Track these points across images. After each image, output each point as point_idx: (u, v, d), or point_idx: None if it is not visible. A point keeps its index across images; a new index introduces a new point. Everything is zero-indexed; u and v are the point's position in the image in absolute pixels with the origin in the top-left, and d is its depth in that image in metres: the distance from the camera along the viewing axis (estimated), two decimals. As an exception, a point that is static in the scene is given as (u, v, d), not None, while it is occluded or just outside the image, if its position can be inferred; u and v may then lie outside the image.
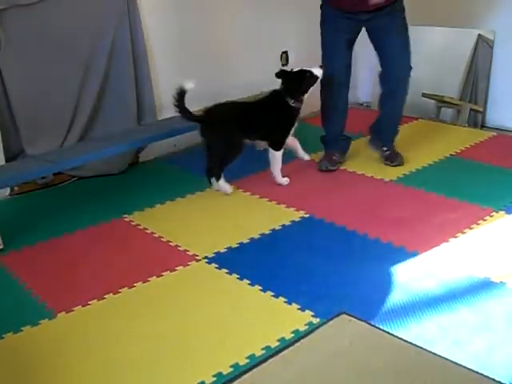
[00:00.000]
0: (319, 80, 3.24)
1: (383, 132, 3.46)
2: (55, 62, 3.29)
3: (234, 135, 3.13)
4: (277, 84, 4.29)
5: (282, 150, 3.26)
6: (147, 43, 3.58)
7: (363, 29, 3.26)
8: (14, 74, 3.17)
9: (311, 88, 3.23)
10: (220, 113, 3.15)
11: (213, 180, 3.23)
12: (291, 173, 3.40)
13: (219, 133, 3.12)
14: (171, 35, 3.74)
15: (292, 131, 3.28)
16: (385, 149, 3.42)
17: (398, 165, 3.40)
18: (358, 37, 3.32)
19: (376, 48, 3.27)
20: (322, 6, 3.30)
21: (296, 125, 3.28)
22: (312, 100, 4.07)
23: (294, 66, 4.47)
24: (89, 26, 3.35)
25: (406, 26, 3.22)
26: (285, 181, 3.30)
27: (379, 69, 3.32)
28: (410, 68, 3.28)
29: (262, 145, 3.35)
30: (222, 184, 3.19)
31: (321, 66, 3.22)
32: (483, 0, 4.14)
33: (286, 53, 4.42)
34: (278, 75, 3.23)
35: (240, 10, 4.05)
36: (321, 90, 3.42)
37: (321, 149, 3.59)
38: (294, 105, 3.21)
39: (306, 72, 3.19)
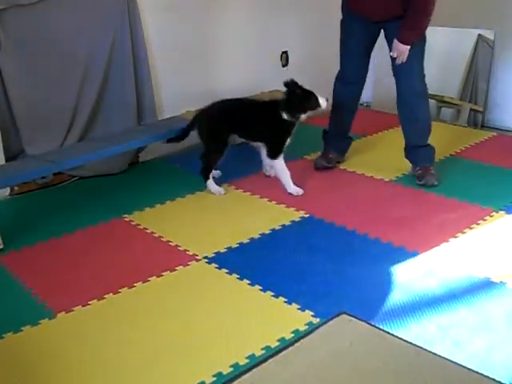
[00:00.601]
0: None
1: (409, 151, 3.33)
2: (55, 62, 3.29)
3: (216, 132, 3.18)
4: (275, 83, 4.30)
5: (280, 159, 3.17)
6: (147, 43, 3.58)
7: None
8: (14, 74, 3.17)
9: (309, 112, 3.15)
10: (207, 110, 3.22)
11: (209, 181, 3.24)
12: (291, 173, 3.40)
13: (203, 128, 3.22)
14: (171, 35, 3.74)
15: (287, 142, 3.18)
16: (417, 168, 3.27)
17: (425, 184, 3.18)
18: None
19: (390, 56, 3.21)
20: (342, 7, 3.28)
21: (290, 138, 3.19)
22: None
23: (294, 66, 4.51)
24: (89, 25, 3.34)
25: (421, 44, 3.11)
26: (298, 191, 3.18)
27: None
28: (420, 83, 3.16)
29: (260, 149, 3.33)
30: (210, 184, 3.20)
31: (327, 99, 3.18)
32: (483, 0, 4.14)
33: (285, 53, 4.43)
34: (286, 84, 3.12)
35: (240, 9, 4.05)
36: (333, 89, 3.42)
37: (321, 149, 3.58)
38: (287, 118, 3.12)
39: (313, 96, 3.12)
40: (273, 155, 3.19)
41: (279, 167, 3.20)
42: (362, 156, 3.70)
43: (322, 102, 3.13)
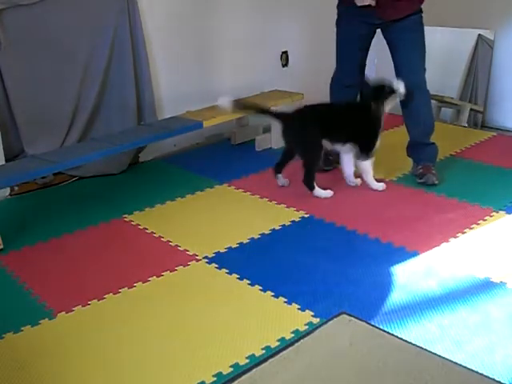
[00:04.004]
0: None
1: (412, 148, 3.35)
2: (55, 62, 3.29)
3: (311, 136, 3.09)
4: (275, 83, 4.31)
5: (371, 159, 3.19)
6: (147, 43, 3.58)
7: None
8: (13, 73, 3.17)
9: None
10: (300, 114, 3.14)
11: (278, 176, 3.26)
12: (291, 173, 3.40)
13: (298, 134, 3.09)
14: (171, 35, 3.74)
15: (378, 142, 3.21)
16: (419, 167, 3.27)
17: (425, 182, 3.19)
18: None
19: (390, 53, 3.22)
20: (338, 6, 3.27)
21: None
22: (312, 100, 4.05)
23: (294, 66, 4.52)
24: (89, 25, 3.35)
25: (421, 41, 3.14)
26: (382, 185, 3.20)
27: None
28: (422, 80, 3.17)
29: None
30: (318, 192, 3.13)
31: None
32: (483, 0, 4.14)
33: (285, 53, 4.43)
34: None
35: (240, 9, 4.05)
36: (330, 91, 3.42)
37: (321, 149, 3.58)
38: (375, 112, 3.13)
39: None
40: (366, 155, 3.15)
41: (367, 168, 3.18)
42: (362, 156, 3.70)
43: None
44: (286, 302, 2.24)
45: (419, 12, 3.13)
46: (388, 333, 2.03)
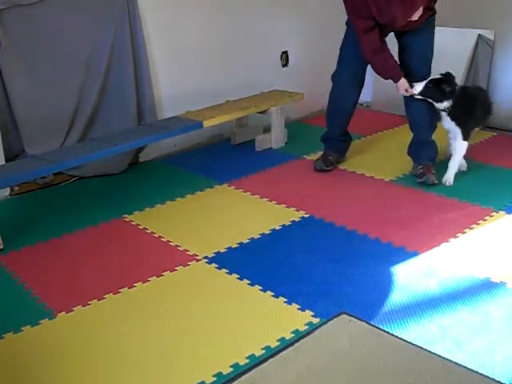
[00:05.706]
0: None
1: (413, 147, 3.37)
2: (55, 62, 3.29)
3: None
4: (275, 83, 4.31)
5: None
6: (147, 43, 3.58)
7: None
8: (14, 74, 3.17)
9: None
10: None
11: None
12: (291, 173, 3.40)
13: None
14: (171, 35, 3.74)
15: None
16: (419, 167, 3.28)
17: (425, 182, 3.21)
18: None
19: (398, 49, 3.26)
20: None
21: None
22: (312, 100, 4.07)
23: (294, 66, 4.52)
24: (89, 25, 3.34)
25: (430, 42, 3.22)
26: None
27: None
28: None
29: None
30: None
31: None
32: (483, 0, 4.14)
33: (285, 53, 4.43)
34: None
35: (240, 9, 4.05)
36: (332, 89, 3.42)
37: (321, 149, 3.58)
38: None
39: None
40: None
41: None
42: (362, 156, 3.70)
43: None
44: (285, 302, 2.24)
45: (433, 14, 3.16)
46: (388, 333, 2.03)
